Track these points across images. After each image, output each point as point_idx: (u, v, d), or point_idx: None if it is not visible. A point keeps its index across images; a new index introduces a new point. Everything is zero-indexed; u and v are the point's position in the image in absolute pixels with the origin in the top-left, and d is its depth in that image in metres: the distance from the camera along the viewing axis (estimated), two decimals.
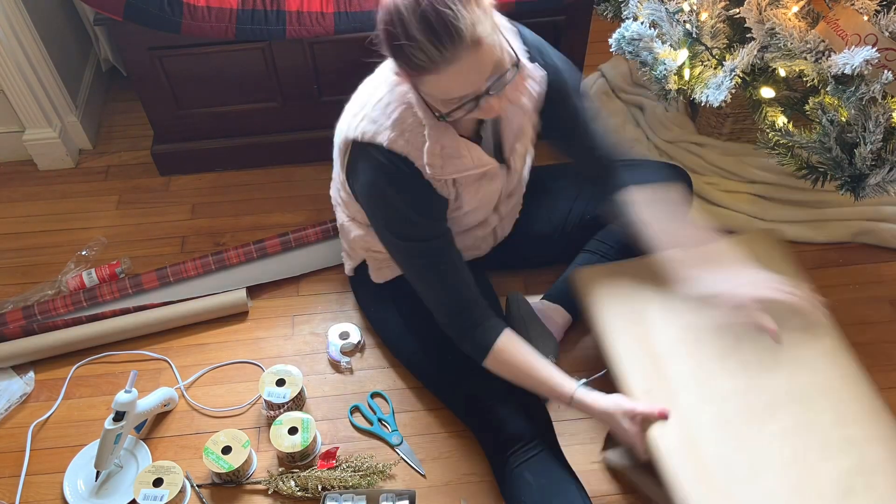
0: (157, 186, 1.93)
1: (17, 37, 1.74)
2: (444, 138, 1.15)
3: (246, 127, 1.89)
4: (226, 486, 1.37)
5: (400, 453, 1.42)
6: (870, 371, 1.50)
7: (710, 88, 1.43)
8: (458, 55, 0.96)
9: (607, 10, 1.77)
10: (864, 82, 1.26)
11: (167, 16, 1.57)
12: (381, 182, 1.17)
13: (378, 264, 1.45)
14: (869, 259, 1.71)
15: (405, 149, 1.14)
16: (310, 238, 1.74)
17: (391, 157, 1.15)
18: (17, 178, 1.96)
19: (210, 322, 1.62)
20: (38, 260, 1.75)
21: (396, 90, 1.15)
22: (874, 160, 1.34)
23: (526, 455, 1.26)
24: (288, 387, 1.43)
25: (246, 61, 1.75)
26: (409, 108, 1.14)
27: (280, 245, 1.72)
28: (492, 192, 1.30)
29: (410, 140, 1.14)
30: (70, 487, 1.36)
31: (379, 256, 1.43)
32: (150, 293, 1.64)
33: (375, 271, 1.46)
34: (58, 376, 1.54)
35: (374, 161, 1.16)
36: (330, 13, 1.60)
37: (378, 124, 1.15)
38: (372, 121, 1.16)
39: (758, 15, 1.36)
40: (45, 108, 1.87)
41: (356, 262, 1.50)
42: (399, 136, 1.14)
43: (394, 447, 1.43)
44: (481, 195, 1.28)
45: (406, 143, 1.14)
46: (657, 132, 1.95)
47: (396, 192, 1.17)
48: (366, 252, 1.45)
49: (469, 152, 1.18)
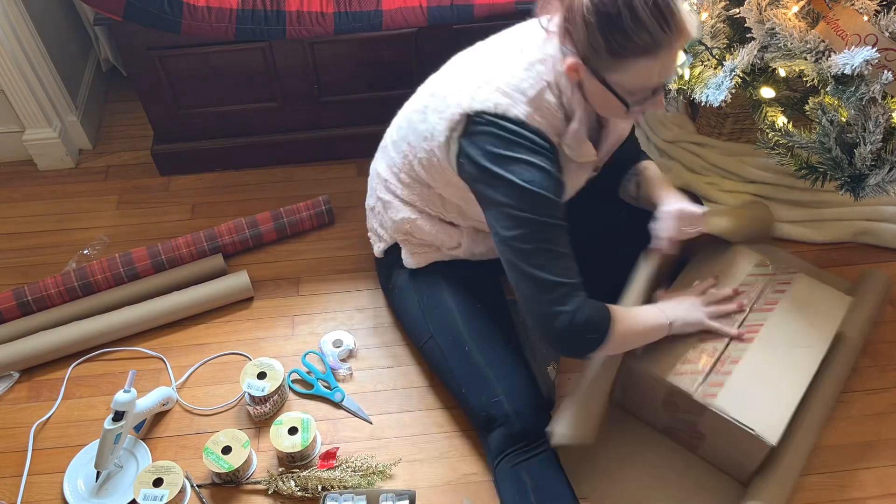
0: (157, 186, 1.93)
1: (17, 37, 1.74)
2: (582, 125, 1.17)
3: (246, 127, 1.90)
4: (226, 486, 1.37)
5: (346, 406, 1.46)
6: (870, 371, 1.51)
7: (710, 88, 1.43)
8: (674, 43, 1.02)
9: None
10: (864, 82, 1.26)
11: (167, 16, 1.57)
12: (516, 152, 1.14)
13: (413, 249, 1.45)
14: (869, 259, 1.71)
15: (541, 125, 1.15)
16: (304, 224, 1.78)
17: (528, 129, 1.14)
18: (17, 178, 1.96)
19: (210, 321, 1.62)
20: (38, 260, 1.75)
21: (535, 69, 1.15)
22: (874, 160, 1.34)
23: (525, 455, 1.27)
24: (268, 381, 1.43)
25: (246, 61, 1.75)
26: (548, 89, 1.15)
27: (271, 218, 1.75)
28: (580, 185, 1.32)
29: (547, 117, 1.15)
30: (70, 487, 1.36)
31: (417, 242, 1.43)
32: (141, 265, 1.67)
33: (410, 256, 1.46)
34: (57, 376, 1.54)
35: (506, 133, 1.14)
36: (330, 13, 1.60)
37: (513, 98, 1.14)
38: (504, 93, 1.14)
39: (758, 15, 1.36)
40: (45, 108, 1.87)
41: (388, 244, 1.49)
42: (535, 112, 1.14)
43: (338, 403, 1.47)
44: (574, 185, 1.30)
45: (542, 120, 1.15)
46: (657, 132, 1.95)
47: (532, 163, 1.14)
48: (404, 236, 1.44)
49: (587, 145, 1.22)
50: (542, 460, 1.26)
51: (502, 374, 1.32)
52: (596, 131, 1.30)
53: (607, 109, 1.15)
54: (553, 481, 1.25)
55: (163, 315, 1.59)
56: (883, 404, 1.46)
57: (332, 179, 1.92)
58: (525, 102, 1.14)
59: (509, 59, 1.18)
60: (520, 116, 1.14)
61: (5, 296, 1.59)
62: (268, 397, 1.44)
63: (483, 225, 1.32)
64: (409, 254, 1.46)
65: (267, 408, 1.45)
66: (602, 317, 1.18)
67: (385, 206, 1.45)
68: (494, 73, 1.18)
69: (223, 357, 1.57)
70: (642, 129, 1.98)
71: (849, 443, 1.40)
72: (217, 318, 1.63)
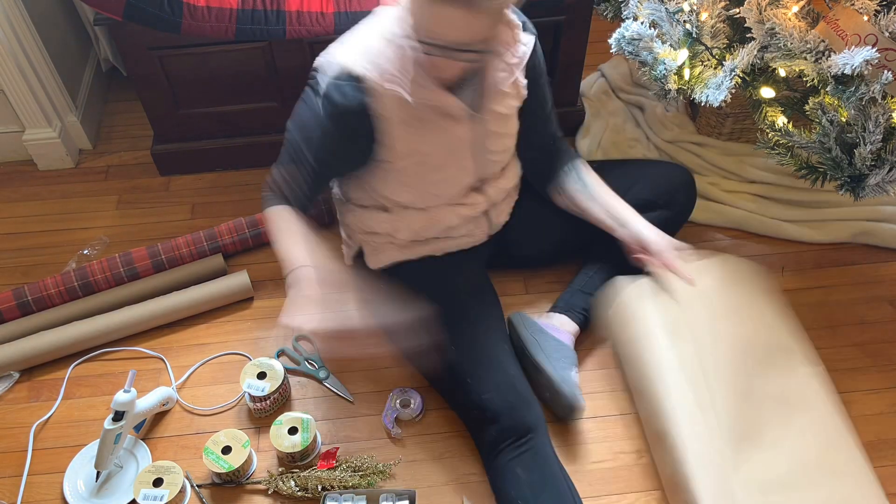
0: (157, 186, 1.93)
1: (17, 37, 1.74)
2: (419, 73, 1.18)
3: (246, 127, 1.90)
4: (226, 486, 1.37)
5: (328, 385, 1.49)
6: (869, 371, 1.51)
7: (710, 88, 1.43)
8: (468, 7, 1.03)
9: (607, 10, 1.77)
10: (864, 82, 1.26)
11: (167, 16, 1.57)
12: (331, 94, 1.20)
13: (374, 248, 1.46)
14: (869, 259, 1.71)
15: (365, 69, 1.18)
16: None
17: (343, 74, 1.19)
18: (17, 178, 1.96)
19: (210, 321, 1.62)
20: (38, 260, 1.75)
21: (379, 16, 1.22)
22: (874, 160, 1.34)
23: (518, 450, 1.27)
24: (268, 381, 1.43)
25: (246, 61, 1.75)
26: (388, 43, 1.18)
27: None
28: (458, 139, 1.29)
29: (375, 62, 1.18)
30: (70, 487, 1.36)
31: (375, 240, 1.44)
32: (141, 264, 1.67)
33: (372, 256, 1.47)
34: (57, 376, 1.54)
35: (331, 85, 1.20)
36: (330, 13, 1.60)
37: (346, 44, 1.22)
38: (340, 43, 1.23)
39: (758, 15, 1.36)
40: (45, 108, 1.87)
41: (353, 249, 1.51)
42: (362, 57, 1.19)
43: (321, 381, 1.50)
44: (447, 137, 1.28)
45: (369, 65, 1.18)
46: (657, 132, 1.95)
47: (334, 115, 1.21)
48: (361, 235, 1.46)
49: (439, 94, 1.22)
50: (534, 454, 1.26)
51: (488, 371, 1.32)
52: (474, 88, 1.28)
53: None
54: (548, 473, 1.25)
55: (163, 315, 1.59)
56: (883, 404, 1.46)
57: None
58: (358, 52, 1.20)
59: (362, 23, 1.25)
60: (342, 63, 1.20)
61: (5, 296, 1.59)
62: (268, 397, 1.44)
63: (411, 202, 1.36)
64: (369, 254, 1.47)
65: (267, 405, 1.45)
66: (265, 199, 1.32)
67: (339, 210, 1.50)
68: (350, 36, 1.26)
69: (223, 357, 1.57)
70: (642, 128, 1.98)
71: None
72: (217, 318, 1.63)
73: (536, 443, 1.27)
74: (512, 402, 1.29)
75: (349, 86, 1.19)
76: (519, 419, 1.28)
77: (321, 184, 1.33)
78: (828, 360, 1.53)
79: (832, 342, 1.56)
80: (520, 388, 1.31)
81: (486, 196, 1.41)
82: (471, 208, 1.41)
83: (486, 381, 1.32)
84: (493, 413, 1.29)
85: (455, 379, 1.36)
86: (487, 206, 1.43)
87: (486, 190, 1.41)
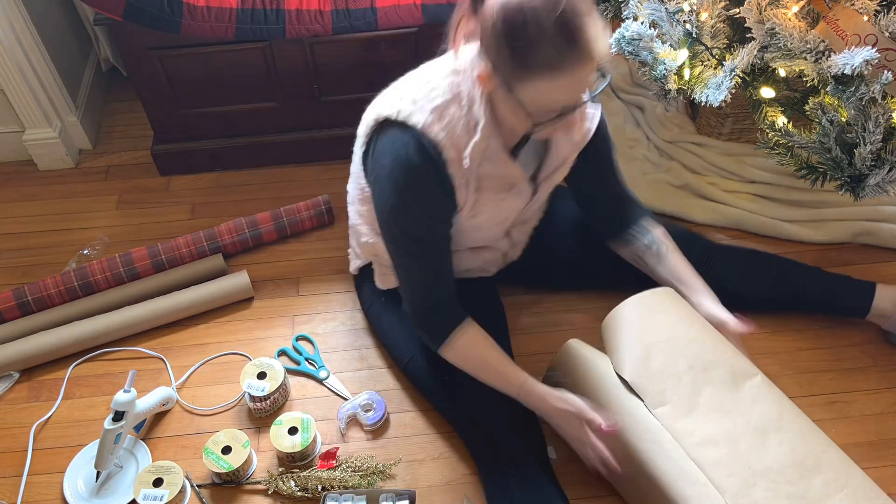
0: (157, 186, 1.93)
1: (17, 37, 1.74)
2: (492, 139, 1.15)
3: (246, 127, 1.90)
4: (226, 486, 1.37)
5: (328, 385, 1.50)
6: (869, 371, 1.51)
7: (710, 88, 1.43)
8: (579, 62, 0.98)
9: (607, 10, 1.77)
10: (864, 82, 1.26)
11: (167, 16, 1.57)
12: (402, 167, 1.14)
13: (383, 270, 1.45)
14: (869, 259, 1.71)
15: (439, 136, 1.13)
16: (304, 224, 1.78)
17: (422, 140, 1.13)
18: (17, 178, 1.96)
19: (210, 321, 1.62)
20: (38, 260, 1.75)
21: (449, 80, 1.14)
22: (874, 160, 1.34)
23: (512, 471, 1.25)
24: (268, 381, 1.43)
25: (246, 61, 1.75)
26: (457, 100, 1.13)
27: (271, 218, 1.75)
28: (512, 209, 1.29)
29: (448, 128, 1.13)
30: (70, 487, 1.36)
31: (386, 264, 1.42)
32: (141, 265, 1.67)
33: (380, 277, 1.46)
34: (57, 376, 1.54)
35: (400, 142, 1.14)
36: (328, 11, 1.61)
37: (418, 105, 1.14)
38: (412, 101, 1.15)
39: (758, 15, 1.36)
40: (45, 108, 1.87)
41: (362, 262, 1.50)
42: (436, 122, 1.13)
43: (321, 381, 1.51)
44: (501, 209, 1.27)
45: (441, 131, 1.13)
46: (657, 132, 1.95)
47: (412, 182, 1.15)
48: (374, 257, 1.45)
49: (506, 162, 1.19)
50: (532, 472, 1.25)
51: (482, 397, 1.29)
52: (536, 153, 1.28)
53: (515, 125, 1.11)
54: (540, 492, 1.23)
55: (163, 315, 1.59)
56: (883, 404, 1.46)
57: (332, 179, 1.92)
58: (429, 110, 1.13)
59: (432, 73, 1.18)
60: (417, 125, 1.13)
61: (5, 296, 1.59)
62: (268, 397, 1.44)
63: None
64: (379, 274, 1.46)
65: (267, 405, 1.45)
66: None
67: (354, 229, 1.46)
68: (413, 83, 1.18)
69: (223, 357, 1.57)
70: (642, 128, 1.98)
71: (849, 443, 1.40)
72: (217, 318, 1.63)
73: (530, 464, 1.25)
74: (505, 429, 1.28)
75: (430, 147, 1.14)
76: (512, 447, 1.26)
77: (447, 253, 1.27)
78: (828, 360, 1.53)
79: (832, 342, 1.56)
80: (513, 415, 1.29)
81: (510, 239, 1.42)
82: (493, 252, 1.41)
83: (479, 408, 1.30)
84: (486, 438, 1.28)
85: (448, 402, 1.37)
86: (509, 247, 1.44)
87: (511, 233, 1.41)
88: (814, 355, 1.54)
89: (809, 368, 1.52)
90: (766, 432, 1.17)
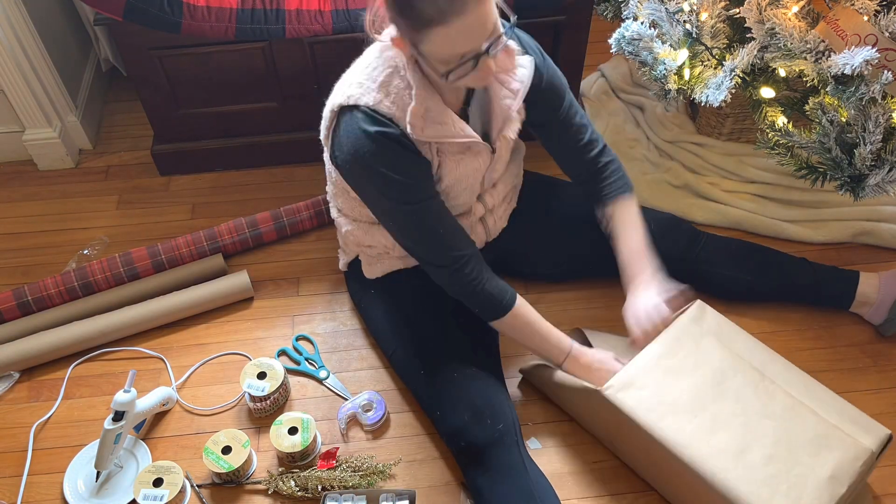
0: (157, 186, 1.93)
1: (17, 37, 1.74)
2: (430, 102, 1.17)
3: (246, 127, 1.90)
4: (226, 486, 1.37)
5: (328, 385, 1.50)
6: (869, 371, 1.51)
7: (710, 88, 1.43)
8: (466, 7, 1.01)
9: (607, 10, 1.77)
10: (864, 82, 1.26)
11: (167, 16, 1.57)
12: (366, 147, 1.18)
13: (370, 260, 1.46)
14: (869, 259, 1.71)
15: (390, 110, 1.17)
16: (304, 224, 1.78)
17: (376, 118, 1.17)
18: (17, 178, 1.96)
19: (210, 321, 1.62)
20: (38, 260, 1.75)
21: (384, 55, 1.19)
22: (874, 160, 1.34)
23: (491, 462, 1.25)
24: (268, 381, 1.43)
25: (246, 61, 1.75)
26: (396, 72, 1.17)
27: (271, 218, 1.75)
28: (474, 169, 1.30)
29: (396, 102, 1.17)
30: (70, 487, 1.36)
31: (371, 252, 1.44)
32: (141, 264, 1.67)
33: (367, 266, 1.47)
34: (57, 376, 1.54)
35: (357, 125, 1.18)
36: (328, 11, 1.61)
37: (364, 87, 1.18)
38: (358, 84, 1.19)
39: (758, 15, 1.36)
40: (45, 108, 1.87)
41: (350, 257, 1.52)
42: (385, 98, 1.17)
43: (321, 381, 1.51)
44: (462, 170, 1.28)
45: (392, 105, 1.17)
46: (657, 132, 1.95)
47: (381, 156, 1.18)
48: (358, 247, 1.46)
49: (452, 122, 1.21)
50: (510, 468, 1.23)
51: (459, 387, 1.30)
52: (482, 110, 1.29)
53: (436, 81, 1.15)
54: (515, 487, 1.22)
55: (163, 315, 1.59)
56: (883, 404, 1.46)
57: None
58: (374, 90, 1.17)
59: (368, 54, 1.22)
60: (369, 104, 1.17)
61: (5, 296, 1.59)
62: (268, 397, 1.44)
63: None
64: (366, 264, 1.47)
65: (267, 405, 1.45)
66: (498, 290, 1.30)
67: (336, 224, 1.48)
68: (355, 67, 1.23)
69: (223, 357, 1.57)
70: (642, 128, 1.98)
71: None
72: (217, 318, 1.63)
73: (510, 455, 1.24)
74: (479, 419, 1.26)
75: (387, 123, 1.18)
76: (488, 437, 1.25)
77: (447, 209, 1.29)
78: (828, 360, 1.53)
79: (832, 342, 1.56)
80: (479, 402, 1.28)
81: (483, 203, 1.42)
82: (468, 217, 1.41)
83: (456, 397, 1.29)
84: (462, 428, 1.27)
85: (427, 392, 1.37)
86: (484, 212, 1.43)
87: (483, 198, 1.41)
88: (814, 355, 1.54)
89: (809, 368, 1.51)
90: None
